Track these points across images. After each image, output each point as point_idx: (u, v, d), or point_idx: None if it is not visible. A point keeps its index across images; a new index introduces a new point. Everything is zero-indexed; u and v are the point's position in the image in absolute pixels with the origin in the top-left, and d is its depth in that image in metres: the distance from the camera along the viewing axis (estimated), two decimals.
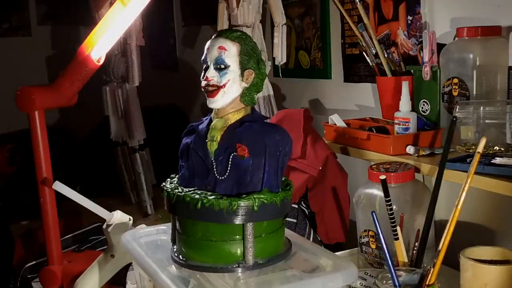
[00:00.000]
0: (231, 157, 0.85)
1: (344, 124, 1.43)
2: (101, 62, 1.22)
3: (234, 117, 0.88)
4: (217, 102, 0.87)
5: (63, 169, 1.49)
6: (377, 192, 1.15)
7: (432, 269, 0.89)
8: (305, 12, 1.92)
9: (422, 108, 1.33)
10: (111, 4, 1.42)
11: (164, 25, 2.93)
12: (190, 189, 0.87)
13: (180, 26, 2.88)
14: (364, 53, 1.49)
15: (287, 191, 0.87)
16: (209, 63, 0.87)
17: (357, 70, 1.72)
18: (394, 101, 1.34)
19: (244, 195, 0.82)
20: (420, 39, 1.43)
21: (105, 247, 1.15)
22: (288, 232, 0.94)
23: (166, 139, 2.53)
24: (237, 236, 0.83)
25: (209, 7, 2.01)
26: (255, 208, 0.81)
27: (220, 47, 0.86)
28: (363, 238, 1.23)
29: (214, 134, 0.87)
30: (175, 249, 0.89)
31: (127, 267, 1.20)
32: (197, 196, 0.83)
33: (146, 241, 0.96)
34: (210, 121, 0.90)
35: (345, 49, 1.76)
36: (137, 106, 1.80)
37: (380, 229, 1.03)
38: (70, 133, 3.01)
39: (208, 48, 0.88)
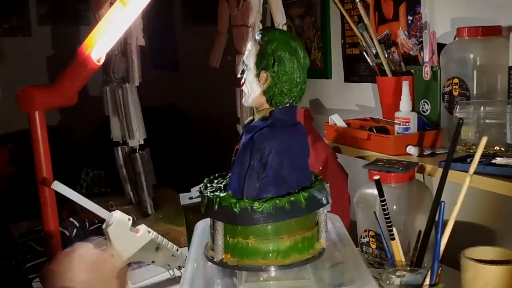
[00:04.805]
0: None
1: (344, 124, 1.43)
2: (101, 62, 1.22)
3: (256, 117, 0.88)
4: (243, 101, 0.88)
5: (63, 169, 1.49)
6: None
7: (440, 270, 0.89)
8: (306, 12, 1.92)
9: (422, 108, 1.33)
10: (111, 4, 1.42)
11: (164, 25, 2.93)
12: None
13: (180, 26, 2.88)
14: (364, 53, 1.49)
15: (258, 201, 0.81)
16: None
17: (357, 70, 1.72)
18: (394, 101, 1.34)
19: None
20: (421, 39, 1.43)
21: (105, 247, 1.15)
22: None
23: (166, 139, 2.54)
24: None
25: (209, 7, 2.01)
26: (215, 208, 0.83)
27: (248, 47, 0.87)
28: (363, 238, 1.23)
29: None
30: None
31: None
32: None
33: None
34: None
35: (346, 49, 1.76)
36: (137, 106, 1.80)
37: (381, 229, 1.03)
38: (70, 133, 3.01)
39: None
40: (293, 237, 0.83)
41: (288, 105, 0.85)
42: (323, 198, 0.86)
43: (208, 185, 0.90)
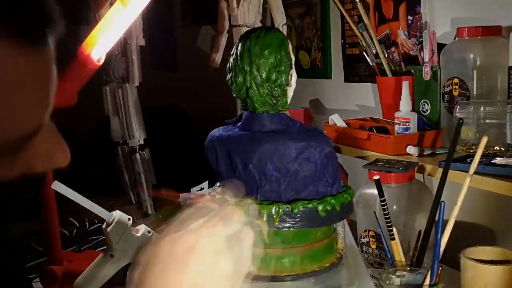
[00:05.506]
0: None
1: (344, 124, 1.43)
2: (101, 62, 1.22)
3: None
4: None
5: (63, 169, 1.49)
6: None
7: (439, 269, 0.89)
8: (305, 12, 1.91)
9: (422, 108, 1.33)
10: (111, 4, 1.42)
11: (164, 25, 2.93)
12: None
13: (180, 26, 2.88)
14: (364, 53, 1.48)
15: None
16: None
17: (357, 70, 1.72)
18: (394, 101, 1.34)
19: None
20: (421, 39, 1.43)
21: (105, 247, 1.15)
22: None
23: (166, 139, 2.53)
24: None
25: (209, 7, 2.01)
26: None
27: None
28: (363, 238, 1.23)
29: None
30: None
31: (127, 267, 1.20)
32: None
33: None
34: None
35: (346, 49, 1.76)
36: (137, 106, 1.80)
37: (381, 229, 1.03)
38: (70, 133, 3.00)
39: None
40: (317, 244, 0.85)
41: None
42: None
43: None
